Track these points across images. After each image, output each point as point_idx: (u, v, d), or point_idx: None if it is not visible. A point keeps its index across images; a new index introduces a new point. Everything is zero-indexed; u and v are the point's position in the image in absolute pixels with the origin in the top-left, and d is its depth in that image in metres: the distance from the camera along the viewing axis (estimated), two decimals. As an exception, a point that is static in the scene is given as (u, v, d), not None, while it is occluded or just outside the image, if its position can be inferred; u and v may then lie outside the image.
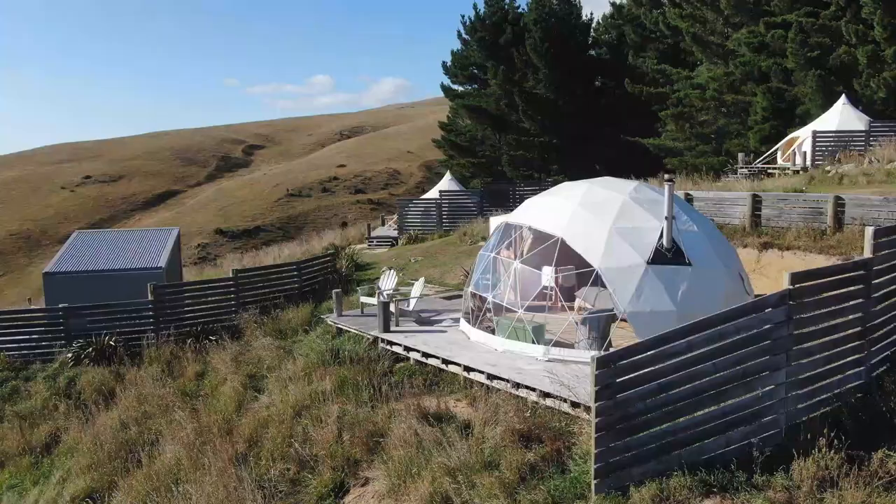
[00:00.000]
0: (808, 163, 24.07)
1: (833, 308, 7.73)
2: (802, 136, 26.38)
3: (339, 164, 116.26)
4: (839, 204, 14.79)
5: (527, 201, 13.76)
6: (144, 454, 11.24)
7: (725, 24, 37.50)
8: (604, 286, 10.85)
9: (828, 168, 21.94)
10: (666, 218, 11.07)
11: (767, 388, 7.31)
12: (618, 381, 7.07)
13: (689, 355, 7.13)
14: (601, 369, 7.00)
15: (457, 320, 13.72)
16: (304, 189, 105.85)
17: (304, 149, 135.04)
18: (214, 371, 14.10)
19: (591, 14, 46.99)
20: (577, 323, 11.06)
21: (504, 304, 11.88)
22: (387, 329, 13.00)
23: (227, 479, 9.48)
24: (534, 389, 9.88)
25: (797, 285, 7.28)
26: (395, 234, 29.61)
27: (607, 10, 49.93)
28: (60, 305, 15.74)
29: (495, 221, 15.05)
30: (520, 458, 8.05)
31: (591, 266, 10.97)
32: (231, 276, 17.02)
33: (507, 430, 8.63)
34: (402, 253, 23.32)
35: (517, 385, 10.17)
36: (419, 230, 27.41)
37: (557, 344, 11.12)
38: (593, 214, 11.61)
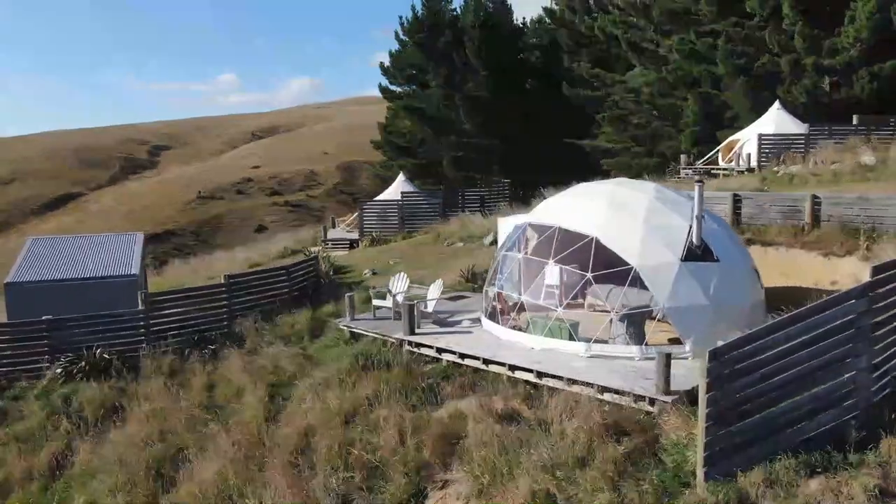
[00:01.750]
0: (754, 164, 25.68)
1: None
2: (743, 139, 28.09)
3: (253, 165, 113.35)
4: (816, 202, 15.96)
5: (544, 203, 14.11)
6: (184, 470, 10.75)
7: (656, 31, 39.30)
8: (643, 284, 11.29)
9: (775, 169, 23.53)
10: (696, 217, 11.65)
11: (851, 374, 7.91)
12: (725, 372, 7.46)
13: (787, 346, 7.62)
14: (712, 362, 7.37)
15: (475, 321, 13.85)
16: (217, 191, 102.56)
17: (214, 149, 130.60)
18: (226, 382, 13.61)
19: (524, 19, 47.98)
20: (615, 320, 11.43)
21: (541, 304, 12.13)
22: (413, 331, 12.97)
23: (297, 491, 9.24)
24: (591, 385, 10.18)
25: (877, 277, 7.93)
26: (352, 236, 29.33)
27: (534, 14, 51.14)
28: (44, 317, 14.69)
29: (504, 222, 15.27)
30: (612, 452, 8.33)
31: (628, 265, 11.40)
32: (223, 281, 16.42)
33: (587, 426, 8.86)
34: (376, 255, 23.15)
35: (571, 381, 10.45)
36: (380, 232, 27.27)
37: (596, 341, 11.48)
38: (624, 214, 12.06)
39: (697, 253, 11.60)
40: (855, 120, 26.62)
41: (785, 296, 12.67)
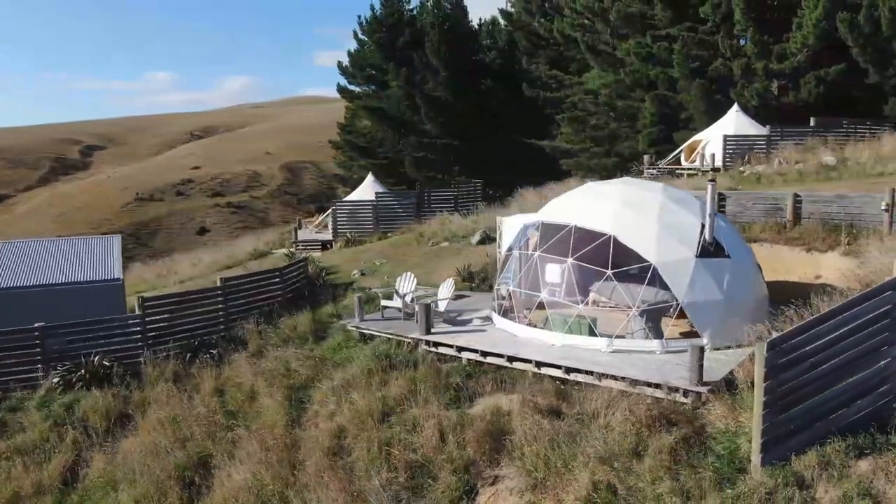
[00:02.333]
0: (719, 164, 26.70)
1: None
2: (705, 140, 29.14)
3: (193, 165, 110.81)
4: (797, 200, 16.80)
5: (552, 202, 14.38)
6: (213, 477, 10.53)
7: (613, 34, 40.29)
8: (655, 281, 11.69)
9: (741, 169, 24.56)
10: (710, 215, 12.15)
11: (886, 361, 8.44)
12: (780, 362, 7.86)
13: (832, 335, 8.09)
14: (770, 352, 7.76)
15: (485, 319, 14.03)
16: (155, 192, 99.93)
17: (151, 149, 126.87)
18: (236, 386, 13.37)
19: (481, 19, 48.40)
20: (636, 315, 11.80)
21: (560, 301, 12.40)
22: (429, 331, 13.04)
23: (345, 493, 9.22)
24: (622, 379, 10.49)
25: (909, 270, 8.49)
26: (324, 237, 29.03)
27: (486, 16, 51.60)
28: (36, 325, 14.06)
29: (509, 221, 15.47)
30: (664, 442, 8.64)
31: (646, 261, 11.79)
32: (219, 284, 16.07)
33: (633, 418, 9.16)
34: (355, 256, 23.02)
35: (602, 376, 10.74)
36: (355, 233, 27.12)
37: (616, 336, 11.82)
38: (638, 213, 12.45)
39: (710, 250, 12.09)
40: (812, 122, 28.01)
41: (776, 290, 13.37)
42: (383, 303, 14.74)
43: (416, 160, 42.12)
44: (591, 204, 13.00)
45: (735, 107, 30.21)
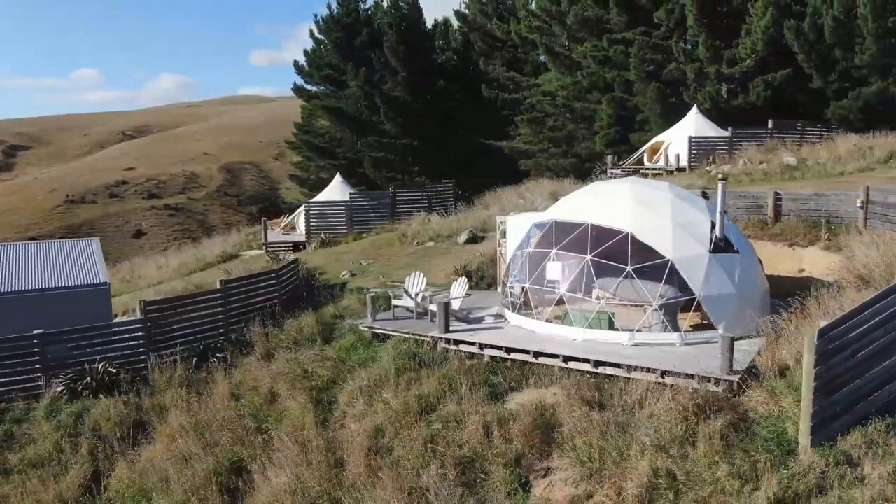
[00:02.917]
0: (684, 164, 27.74)
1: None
2: (668, 141, 30.18)
3: (127, 166, 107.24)
4: (777, 198, 17.70)
5: (560, 202, 14.74)
6: (251, 481, 10.39)
7: (569, 38, 41.21)
8: (679, 276, 12.17)
9: (707, 168, 25.61)
10: (720, 212, 12.73)
11: (913, 346, 9.11)
12: (828, 348, 8.38)
13: (870, 323, 8.68)
14: (820, 339, 8.27)
15: (498, 317, 14.27)
16: (87, 194, 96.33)
17: (80, 149, 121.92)
18: (252, 389, 13.17)
19: (436, 20, 48.61)
20: (655, 309, 12.24)
21: (580, 297, 12.75)
22: (447, 329, 13.17)
23: (402, 491, 9.29)
24: (653, 370, 10.90)
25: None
26: (294, 238, 28.68)
27: (439, 17, 51.91)
28: (35, 332, 13.46)
29: (513, 221, 15.70)
30: (713, 429, 9.07)
31: (664, 257, 12.26)
32: (219, 287, 15.74)
33: (677, 407, 9.56)
34: (334, 257, 22.87)
35: (631, 368, 11.14)
36: (329, 234, 26.91)
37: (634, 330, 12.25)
38: (651, 211, 12.93)
39: (721, 245, 12.67)
40: (770, 124, 29.39)
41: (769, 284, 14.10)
42: (395, 302, 14.79)
43: (375, 160, 42.00)
44: (604, 203, 13.41)
45: (694, 109, 31.43)
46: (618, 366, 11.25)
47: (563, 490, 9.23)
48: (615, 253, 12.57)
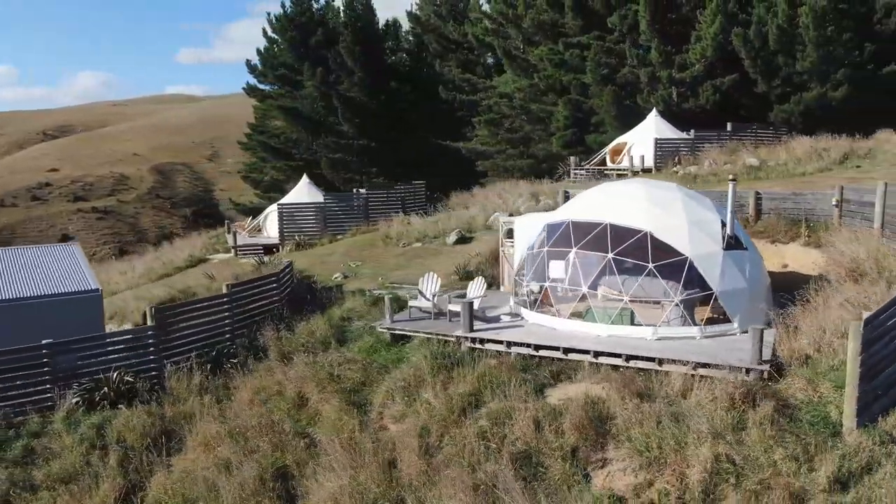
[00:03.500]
0: (649, 165, 28.78)
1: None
2: (630, 142, 31.22)
3: (49, 167, 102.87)
4: (758, 198, 18.69)
5: (573, 202, 15.17)
6: (302, 487, 10.35)
7: (525, 41, 42.00)
8: (698, 271, 12.78)
9: (675, 169, 26.69)
10: (731, 211, 13.44)
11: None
12: (872, 336, 9.07)
13: (902, 313, 9.44)
14: (866, 328, 8.94)
15: (514, 315, 14.54)
16: (6, 197, 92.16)
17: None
18: (278, 395, 13.02)
19: (387, 21, 48.56)
20: (675, 304, 12.81)
21: (604, 294, 13.20)
22: (472, 328, 13.39)
23: (468, 487, 9.48)
24: (685, 363, 11.43)
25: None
26: (265, 241, 28.24)
27: (389, 17, 51.81)
28: (44, 341, 12.86)
29: (522, 221, 16.02)
30: (761, 415, 9.63)
31: (682, 255, 12.85)
32: (225, 291, 15.43)
33: (722, 395, 10.09)
34: (322, 259, 22.69)
35: (663, 361, 11.64)
36: (303, 236, 26.62)
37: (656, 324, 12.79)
38: (666, 211, 13.52)
39: (732, 243, 13.38)
40: (729, 127, 30.82)
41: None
42: (411, 303, 14.89)
43: (332, 161, 41.66)
44: (620, 203, 13.91)
45: (654, 112, 32.60)
46: (650, 359, 11.73)
47: (623, 479, 9.60)
48: (635, 251, 13.08)
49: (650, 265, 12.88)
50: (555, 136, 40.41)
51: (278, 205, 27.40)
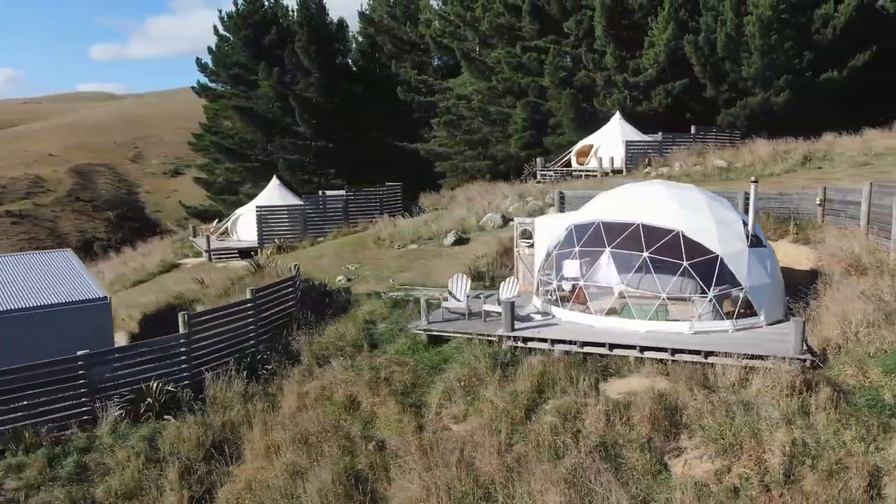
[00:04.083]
0: (618, 166, 29.81)
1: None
2: (597, 144, 32.22)
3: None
4: (747, 197, 19.71)
5: (593, 204, 15.68)
6: (382, 490, 10.38)
7: (481, 43, 42.56)
8: (728, 268, 13.51)
9: (647, 170, 27.78)
10: (754, 210, 14.27)
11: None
12: (924, 325, 9.94)
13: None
14: (922, 318, 9.79)
15: (544, 314, 14.91)
16: None
17: None
18: (327, 398, 12.92)
19: (335, 21, 47.99)
20: (708, 300, 13.50)
21: (641, 291, 13.75)
22: (513, 327, 13.68)
23: (557, 481, 9.78)
24: (730, 354, 12.11)
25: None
26: (239, 245, 27.60)
27: (336, 17, 51.25)
28: (80, 353, 12.26)
29: (544, 222, 16.40)
30: (821, 400, 10.37)
31: (713, 253, 13.57)
32: (249, 297, 15.10)
33: (780, 384, 10.78)
34: (312, 262, 22.39)
35: (708, 354, 12.29)
36: (283, 239, 26.19)
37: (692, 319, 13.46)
38: (694, 211, 14.22)
39: (755, 241, 14.21)
40: (692, 129, 32.25)
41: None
42: (444, 304, 15.04)
43: (289, 163, 40.97)
44: (649, 203, 14.50)
45: (617, 114, 33.72)
46: (695, 352, 12.35)
47: (702, 466, 10.13)
48: (669, 250, 13.69)
49: (684, 263, 13.52)
50: (513, 138, 41.16)
51: (257, 207, 26.78)
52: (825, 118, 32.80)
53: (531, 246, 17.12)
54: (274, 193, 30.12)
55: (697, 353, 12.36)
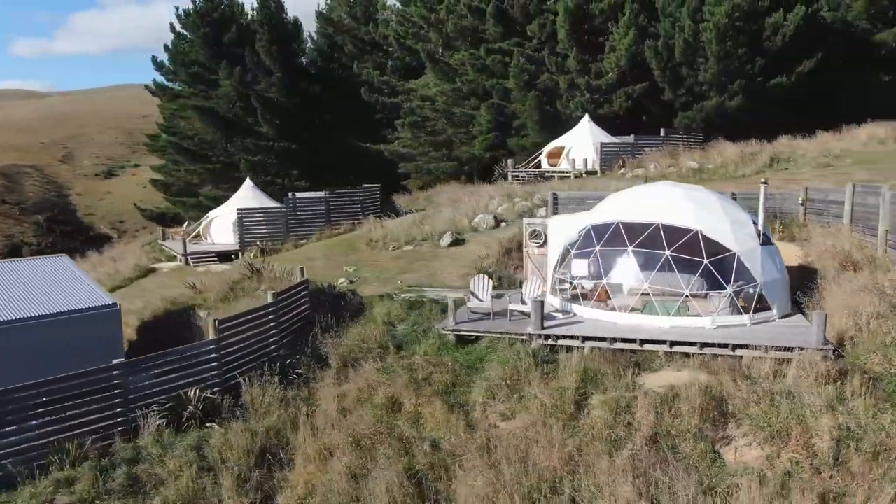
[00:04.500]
0: (592, 167, 30.61)
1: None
2: (568, 146, 32.97)
3: None
4: (733, 197, 20.66)
5: (605, 205, 16.18)
6: (446, 490, 10.54)
7: (445, 45, 42.82)
8: (745, 265, 14.22)
9: (622, 171, 28.65)
10: (763, 210, 15.05)
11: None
12: (949, 315, 10.79)
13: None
14: (949, 309, 10.63)
15: (563, 312, 15.31)
16: None
17: None
18: (366, 400, 12.92)
19: (294, 20, 47.35)
20: (729, 295, 14.16)
21: (667, 289, 14.30)
22: (542, 326, 14.02)
23: (626, 471, 10.16)
24: (758, 347, 12.77)
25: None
26: (215, 248, 27.05)
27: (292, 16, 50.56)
28: (115, 361, 11.84)
29: (558, 222, 16.77)
30: (853, 388, 11.10)
31: (730, 251, 14.26)
32: (272, 301, 14.90)
33: (814, 374, 11.48)
34: (305, 264, 22.09)
35: (735, 347, 12.93)
36: (266, 241, 25.80)
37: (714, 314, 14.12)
38: (709, 211, 14.89)
39: (765, 239, 14.99)
40: (662, 132, 33.37)
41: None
42: (469, 305, 15.23)
43: (252, 164, 40.21)
44: (666, 204, 15.09)
45: (587, 117, 34.58)
46: (724, 346, 12.98)
47: (752, 453, 10.69)
48: (689, 248, 14.30)
49: (705, 261, 14.15)
50: (477, 139, 41.64)
51: (238, 209, 26.26)
52: (776, 123, 34.57)
53: (540, 246, 17.49)
54: (248, 195, 29.58)
55: (725, 346, 12.98)
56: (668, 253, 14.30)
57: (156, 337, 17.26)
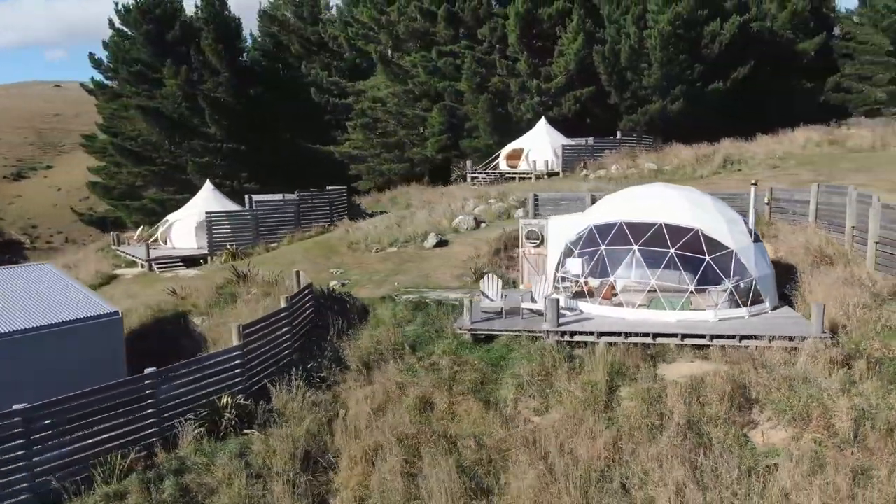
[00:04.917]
0: (554, 169, 31.44)
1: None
2: (527, 148, 33.71)
3: None
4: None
5: (603, 205, 16.84)
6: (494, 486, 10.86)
7: (395, 47, 42.87)
8: (741, 261, 15.16)
9: (585, 172, 29.59)
10: (755, 209, 16.07)
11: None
12: (943, 303, 11.94)
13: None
14: (944, 297, 11.78)
15: (570, 309, 15.86)
16: None
17: None
18: (395, 400, 13.05)
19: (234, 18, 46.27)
20: (729, 290, 15.07)
21: (674, 286, 15.05)
22: (558, 323, 14.52)
23: (673, 458, 10.76)
24: (762, 337, 13.69)
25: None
26: (178, 252, 26.28)
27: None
28: (147, 370, 11.45)
29: (558, 222, 17.26)
30: (859, 371, 12.12)
31: (728, 248, 15.17)
32: (285, 305, 14.73)
33: (823, 359, 12.44)
34: (283, 268, 21.86)
35: (742, 338, 13.81)
36: (235, 245, 25.26)
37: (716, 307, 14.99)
38: (706, 211, 15.77)
39: (755, 236, 16.02)
40: (618, 135, 34.56)
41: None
42: (482, 305, 15.55)
43: (199, 165, 39.07)
44: (665, 204, 15.86)
45: (543, 120, 35.45)
46: (731, 337, 13.83)
47: (777, 435, 11.51)
48: (691, 246, 15.13)
49: (707, 258, 15.01)
50: (429, 141, 41.94)
51: (207, 213, 25.55)
52: (714, 127, 36.49)
53: (537, 246, 18.01)
54: (210, 197, 28.78)
55: (733, 337, 13.84)
56: (672, 251, 15.07)
57: (147, 345, 16.72)
